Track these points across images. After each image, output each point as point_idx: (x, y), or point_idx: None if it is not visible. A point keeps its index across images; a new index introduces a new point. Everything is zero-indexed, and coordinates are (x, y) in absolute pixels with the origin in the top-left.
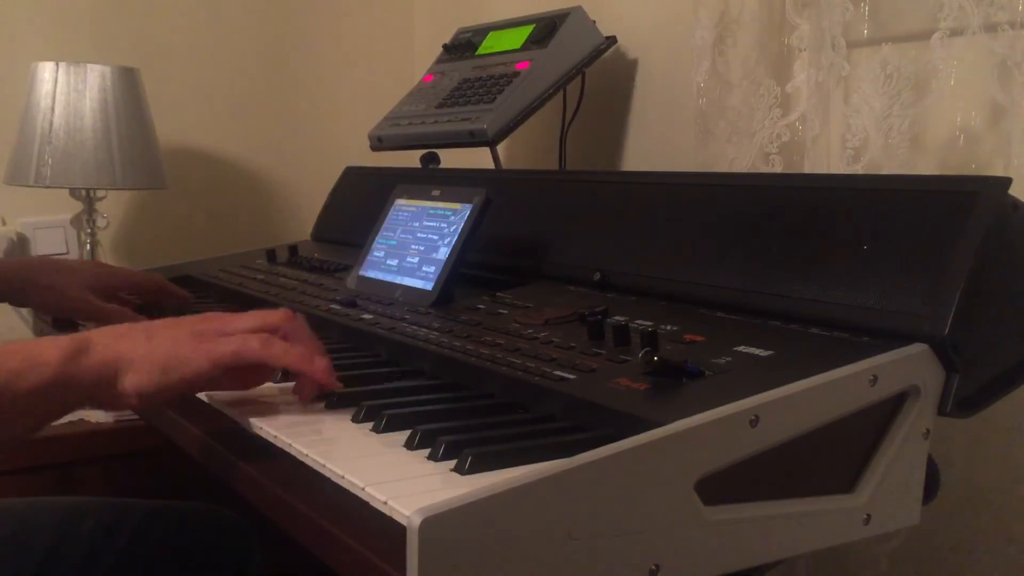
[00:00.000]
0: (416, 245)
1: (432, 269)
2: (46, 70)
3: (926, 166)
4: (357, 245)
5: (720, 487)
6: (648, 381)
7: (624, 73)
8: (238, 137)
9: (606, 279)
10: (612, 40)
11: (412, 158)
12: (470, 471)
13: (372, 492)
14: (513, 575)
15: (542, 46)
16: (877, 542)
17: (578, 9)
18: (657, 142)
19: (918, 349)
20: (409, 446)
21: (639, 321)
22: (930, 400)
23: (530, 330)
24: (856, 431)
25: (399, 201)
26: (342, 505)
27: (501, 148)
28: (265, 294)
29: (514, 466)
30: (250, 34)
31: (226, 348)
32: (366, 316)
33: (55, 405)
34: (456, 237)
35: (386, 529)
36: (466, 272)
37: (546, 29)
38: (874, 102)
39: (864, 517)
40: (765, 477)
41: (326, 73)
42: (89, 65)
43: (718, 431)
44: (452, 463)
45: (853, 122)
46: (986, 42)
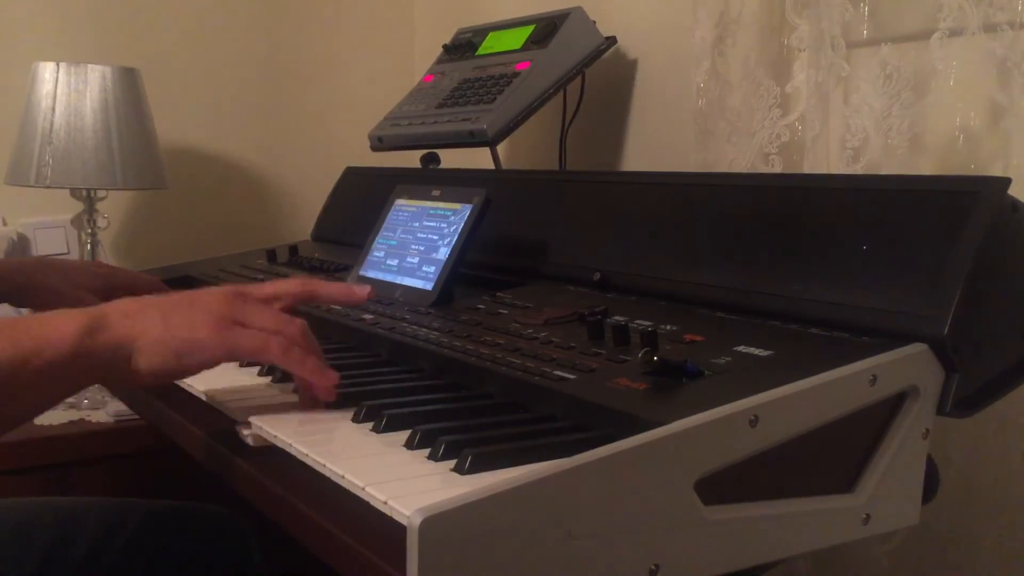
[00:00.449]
0: (416, 245)
1: (432, 269)
2: (47, 70)
3: (926, 166)
4: (357, 245)
5: (720, 487)
6: (648, 381)
7: (624, 73)
8: (238, 137)
9: (606, 279)
10: (612, 40)
11: (412, 158)
12: (470, 471)
13: (372, 492)
14: (513, 575)
15: (542, 46)
16: (877, 542)
17: (578, 9)
18: (657, 142)
19: (918, 349)
20: (409, 446)
21: (639, 321)
22: (929, 400)
23: (530, 330)
24: (856, 431)
25: (399, 201)
26: (342, 505)
27: (501, 148)
28: None
29: (514, 466)
30: (250, 34)
31: (247, 344)
32: (366, 316)
33: (69, 382)
34: (456, 237)
35: (386, 529)
36: (466, 272)
37: (546, 29)
38: (874, 102)
39: (864, 517)
40: (765, 477)
41: (326, 73)
42: (90, 65)
43: (718, 431)
44: (452, 463)
45: (853, 122)
46: (985, 42)
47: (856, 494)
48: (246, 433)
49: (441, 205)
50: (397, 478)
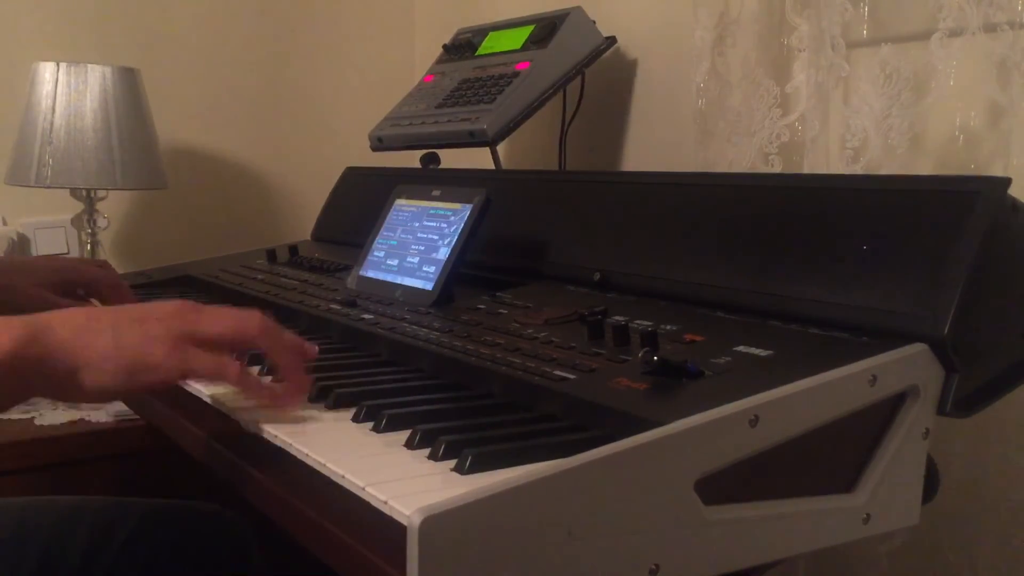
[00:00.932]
0: (416, 245)
1: (432, 269)
2: (47, 70)
3: (926, 166)
4: (357, 245)
5: (720, 487)
6: (648, 381)
7: (624, 73)
8: (238, 137)
9: (606, 279)
10: (612, 40)
11: (412, 158)
12: (470, 471)
13: (372, 492)
14: (513, 575)
15: (542, 46)
16: (877, 542)
17: (578, 9)
18: (657, 142)
19: (917, 349)
20: (409, 446)
21: (639, 321)
22: (929, 400)
23: (530, 330)
24: (856, 431)
25: (399, 201)
26: (342, 505)
27: (501, 148)
28: (265, 294)
29: (514, 466)
30: (250, 34)
31: (201, 367)
32: (366, 316)
33: (2, 394)
34: (456, 237)
35: (386, 529)
36: (466, 272)
37: (546, 29)
38: (873, 102)
39: (864, 517)
40: (765, 477)
41: (326, 73)
42: (90, 65)
43: (718, 431)
44: (452, 463)
45: (852, 122)
46: (985, 42)
47: (856, 494)
48: (245, 421)
49: (441, 205)
50: (397, 478)
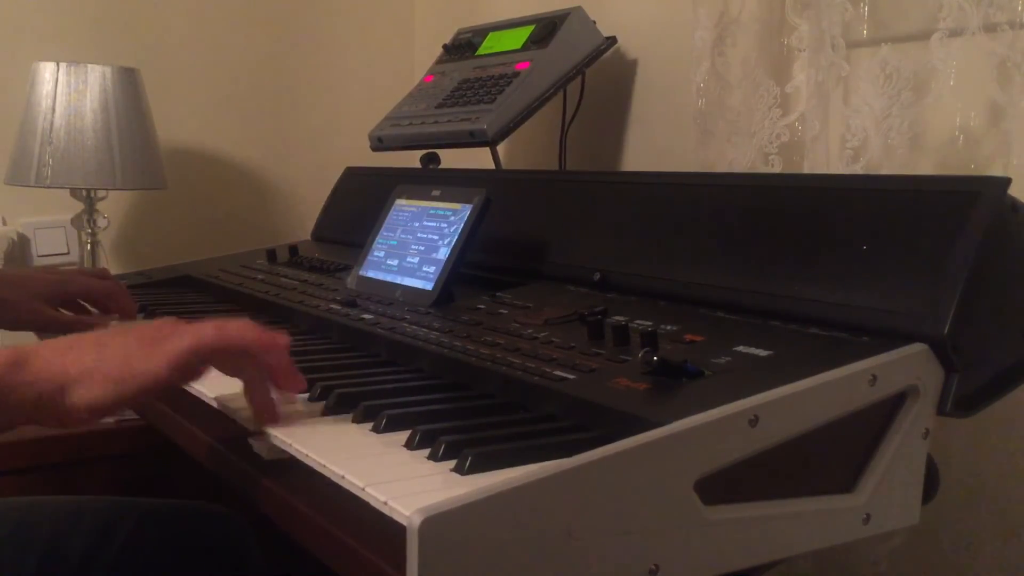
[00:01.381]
0: (416, 245)
1: (432, 269)
2: (46, 70)
3: (926, 166)
4: (357, 245)
5: (720, 487)
6: (648, 381)
7: (624, 73)
8: (238, 137)
9: (606, 279)
10: (612, 40)
11: (412, 158)
12: (470, 471)
13: (372, 492)
14: (513, 575)
15: (542, 46)
16: (877, 542)
17: (578, 9)
18: (657, 142)
19: (917, 349)
20: (409, 446)
21: (639, 321)
22: (929, 400)
23: (530, 330)
24: (856, 431)
25: (399, 201)
26: (342, 505)
27: (501, 148)
28: (265, 294)
29: (514, 466)
30: (250, 34)
31: (181, 344)
32: (366, 316)
33: None
34: (456, 237)
35: (386, 529)
36: (466, 272)
37: (546, 29)
38: (873, 102)
39: (864, 517)
40: (765, 477)
41: (326, 73)
42: (89, 65)
43: (718, 431)
44: (452, 463)
45: (852, 122)
46: (985, 42)
47: (856, 494)
48: (258, 446)
49: (441, 205)
50: (397, 478)
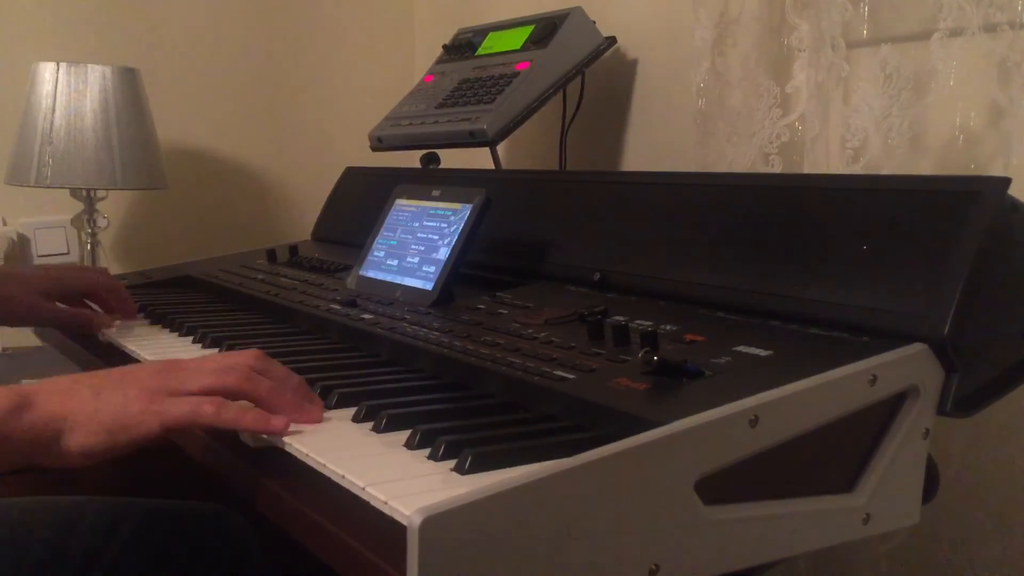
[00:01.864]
0: (416, 245)
1: (432, 269)
2: (47, 70)
3: (926, 166)
4: (357, 245)
5: (720, 487)
6: (648, 381)
7: (624, 73)
8: (238, 137)
9: (606, 279)
10: (612, 40)
11: (412, 158)
12: (470, 471)
13: (372, 492)
14: (513, 575)
15: (542, 46)
16: (877, 542)
17: (578, 9)
18: (657, 142)
19: (917, 349)
20: (409, 446)
21: (639, 321)
22: (929, 400)
23: (530, 330)
24: (855, 431)
25: (399, 201)
26: (342, 505)
27: (501, 148)
28: (265, 294)
29: (514, 466)
30: (250, 34)
31: (178, 413)
32: (366, 316)
33: None
34: (456, 237)
35: (386, 529)
36: (466, 272)
37: (546, 29)
38: (873, 102)
39: (864, 517)
40: (765, 477)
41: (326, 73)
42: (89, 65)
43: (718, 431)
44: (452, 463)
45: (852, 122)
46: (985, 42)
47: (856, 494)
48: (245, 435)
49: (441, 205)
50: (397, 478)
